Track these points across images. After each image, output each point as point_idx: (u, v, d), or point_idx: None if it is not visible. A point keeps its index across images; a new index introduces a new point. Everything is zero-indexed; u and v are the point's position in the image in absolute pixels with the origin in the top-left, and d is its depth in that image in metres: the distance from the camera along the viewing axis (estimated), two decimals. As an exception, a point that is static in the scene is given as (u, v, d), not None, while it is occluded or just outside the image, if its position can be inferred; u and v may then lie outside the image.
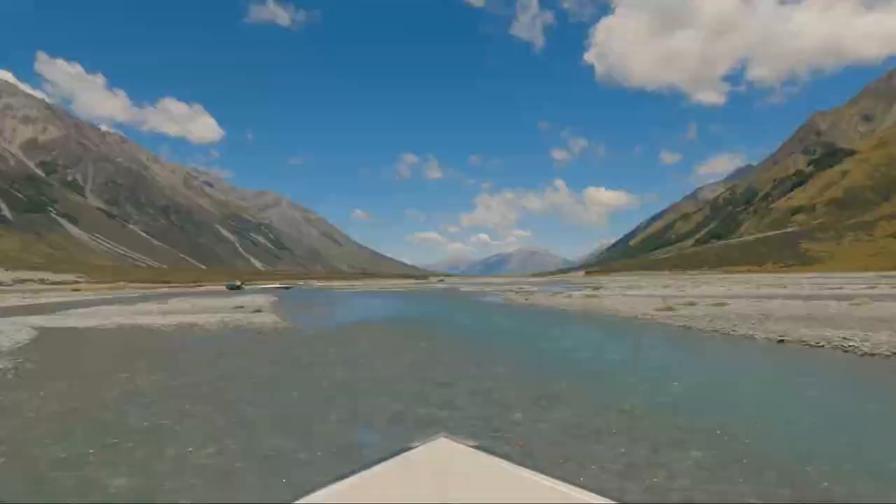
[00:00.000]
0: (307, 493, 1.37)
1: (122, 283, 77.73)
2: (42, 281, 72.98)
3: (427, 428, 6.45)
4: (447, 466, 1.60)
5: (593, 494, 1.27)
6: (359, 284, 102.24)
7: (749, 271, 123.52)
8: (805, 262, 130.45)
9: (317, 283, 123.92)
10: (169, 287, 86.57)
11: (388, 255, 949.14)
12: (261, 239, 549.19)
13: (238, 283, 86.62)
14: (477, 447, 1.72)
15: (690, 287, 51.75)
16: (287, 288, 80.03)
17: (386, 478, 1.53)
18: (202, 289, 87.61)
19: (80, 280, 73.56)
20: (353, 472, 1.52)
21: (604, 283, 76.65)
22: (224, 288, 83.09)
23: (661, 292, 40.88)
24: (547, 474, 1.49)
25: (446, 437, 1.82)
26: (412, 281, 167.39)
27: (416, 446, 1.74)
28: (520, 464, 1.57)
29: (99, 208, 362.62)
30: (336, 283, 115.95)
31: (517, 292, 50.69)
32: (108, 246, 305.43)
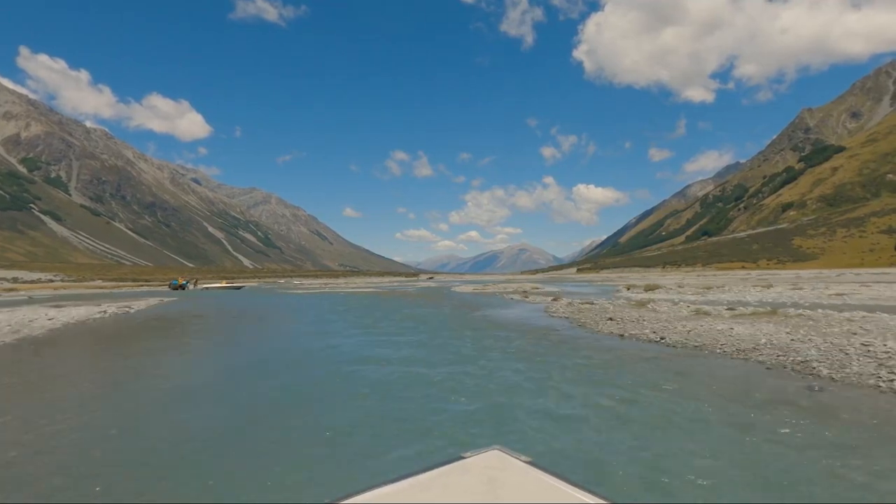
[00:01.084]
0: (355, 493, 1.37)
1: (98, 281, 74.80)
2: (15, 280, 70.00)
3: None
4: (498, 478, 1.57)
5: None
6: (336, 283, 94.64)
7: (743, 268, 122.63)
8: (798, 258, 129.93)
9: (295, 282, 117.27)
10: (139, 286, 79.21)
11: (379, 252, 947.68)
12: (249, 237, 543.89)
13: (183, 281, 70.69)
14: (531, 463, 1.67)
15: (821, 287, 35.66)
16: (238, 288, 65.53)
17: (435, 484, 1.52)
18: (145, 289, 73.68)
19: (54, 279, 70.63)
20: (404, 476, 1.52)
21: (657, 283, 53.80)
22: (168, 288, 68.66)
23: (800, 295, 27.34)
24: (605, 498, 1.42)
25: (500, 448, 1.79)
26: (401, 278, 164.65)
27: (469, 455, 1.71)
28: (575, 483, 1.51)
29: (83, 206, 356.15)
30: (314, 282, 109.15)
31: (553, 298, 32.73)
32: (93, 244, 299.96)
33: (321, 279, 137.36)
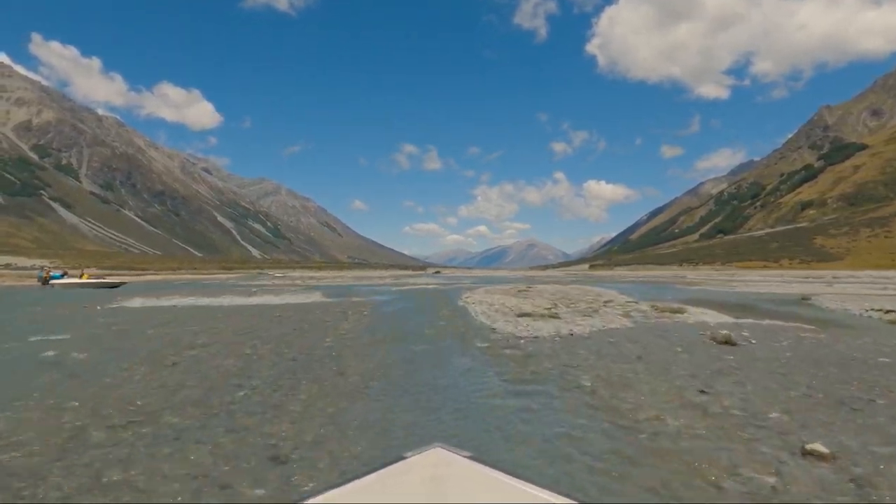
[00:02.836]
0: (298, 502, 1.34)
1: (93, 269, 72.41)
2: (7, 266, 67.86)
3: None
4: (442, 476, 1.55)
5: None
6: (322, 276, 77.51)
7: (765, 267, 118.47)
8: (822, 258, 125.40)
9: (277, 273, 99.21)
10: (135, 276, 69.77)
11: (388, 245, 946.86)
12: (258, 227, 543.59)
13: (55, 272, 46.79)
14: (472, 458, 1.67)
15: None
16: (113, 286, 40.99)
17: (379, 488, 1.48)
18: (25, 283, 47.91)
19: (49, 266, 68.23)
20: (345, 481, 1.48)
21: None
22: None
23: None
24: (547, 489, 1.43)
25: (441, 446, 1.77)
26: (408, 272, 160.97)
27: (410, 455, 1.68)
28: (517, 476, 1.51)
29: (93, 193, 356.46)
30: (303, 274, 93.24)
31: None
32: (101, 231, 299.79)
33: (323, 271, 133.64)
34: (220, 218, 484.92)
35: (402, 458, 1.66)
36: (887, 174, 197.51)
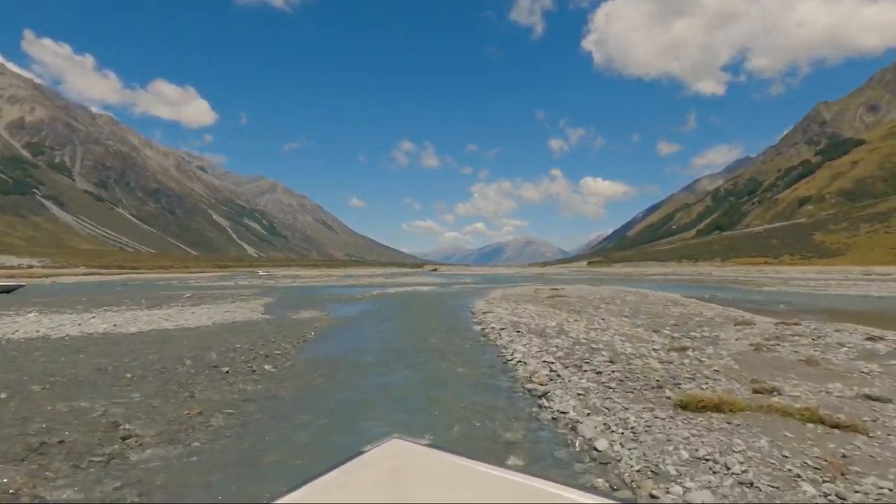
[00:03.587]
0: None
1: (83, 267, 71.11)
2: (-5, 265, 66.52)
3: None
4: (402, 466, 1.58)
5: (550, 483, 1.24)
6: (309, 274, 78.32)
7: (766, 263, 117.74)
8: (822, 254, 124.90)
9: (260, 272, 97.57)
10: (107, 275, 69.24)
11: (385, 243, 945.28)
12: (255, 225, 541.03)
13: None
14: (430, 445, 1.70)
15: None
16: (7, 290, 34.22)
17: (340, 484, 1.49)
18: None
19: (36, 265, 66.92)
20: (305, 481, 1.47)
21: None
22: None
23: None
24: (503, 469, 1.48)
25: (399, 437, 1.79)
26: (405, 269, 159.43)
27: (369, 449, 1.71)
28: (474, 458, 1.55)
29: (87, 191, 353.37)
30: (288, 272, 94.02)
31: None
32: (95, 230, 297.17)
33: (315, 269, 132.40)
34: (215, 216, 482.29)
35: (361, 452, 1.68)
36: (885, 169, 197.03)
